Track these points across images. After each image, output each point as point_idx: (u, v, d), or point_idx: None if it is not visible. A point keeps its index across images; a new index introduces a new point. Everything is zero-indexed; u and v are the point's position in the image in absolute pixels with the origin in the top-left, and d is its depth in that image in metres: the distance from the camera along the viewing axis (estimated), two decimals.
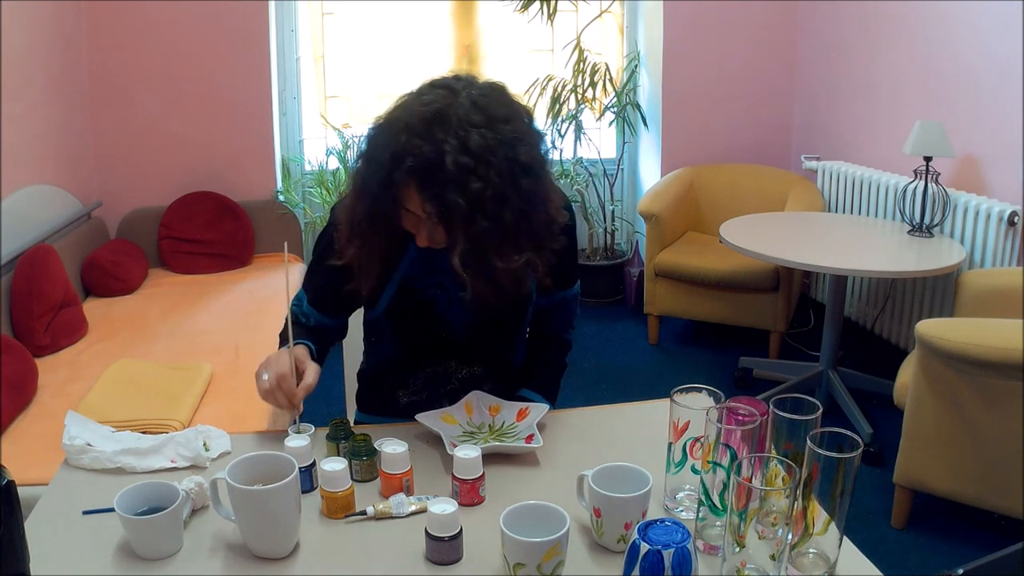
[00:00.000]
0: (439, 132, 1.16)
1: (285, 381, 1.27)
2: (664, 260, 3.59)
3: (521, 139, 1.21)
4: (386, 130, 1.21)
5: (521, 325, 1.51)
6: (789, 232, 3.14)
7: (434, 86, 1.23)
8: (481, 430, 1.36)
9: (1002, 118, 2.83)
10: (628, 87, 4.16)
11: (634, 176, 4.48)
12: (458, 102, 1.18)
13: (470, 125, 1.16)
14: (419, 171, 1.17)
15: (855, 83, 3.67)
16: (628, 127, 4.25)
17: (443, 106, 1.17)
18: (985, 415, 2.13)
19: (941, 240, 2.97)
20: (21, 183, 3.02)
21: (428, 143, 1.15)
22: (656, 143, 4.16)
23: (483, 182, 1.16)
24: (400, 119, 1.19)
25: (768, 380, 3.29)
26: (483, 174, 1.16)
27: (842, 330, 3.09)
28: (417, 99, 1.21)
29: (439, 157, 1.15)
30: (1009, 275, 2.59)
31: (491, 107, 1.20)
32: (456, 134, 1.15)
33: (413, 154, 1.16)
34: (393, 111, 1.23)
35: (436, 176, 1.16)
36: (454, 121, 1.16)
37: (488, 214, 1.18)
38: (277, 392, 1.28)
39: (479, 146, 1.16)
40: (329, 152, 4.03)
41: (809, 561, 1.00)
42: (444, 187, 1.16)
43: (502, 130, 1.18)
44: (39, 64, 3.23)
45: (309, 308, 1.47)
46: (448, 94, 1.19)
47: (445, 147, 1.15)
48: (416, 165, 1.16)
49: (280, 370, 1.27)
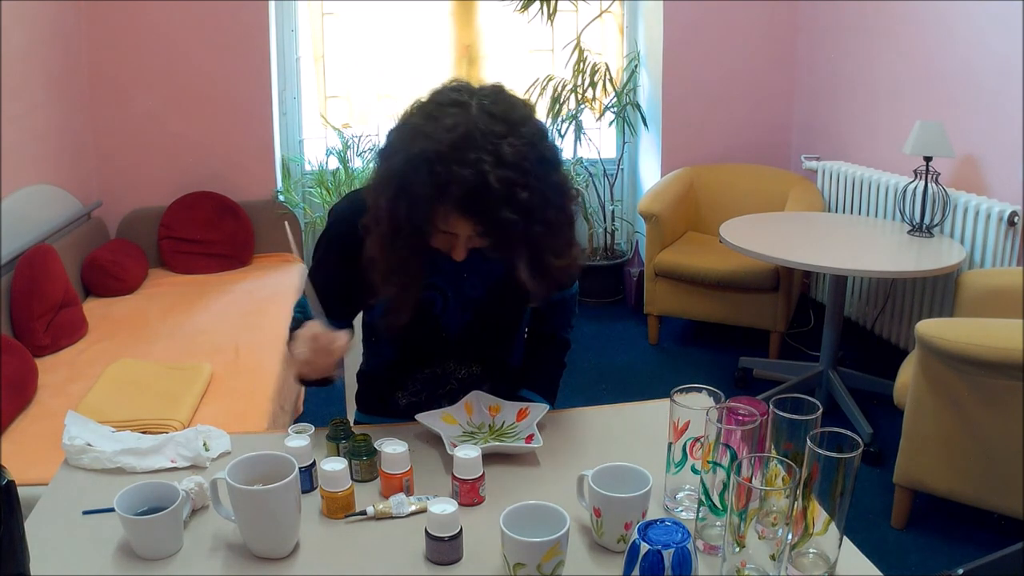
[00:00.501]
0: (471, 152, 1.14)
1: (319, 339, 1.24)
2: (664, 260, 3.59)
3: (540, 135, 1.22)
4: (416, 164, 1.16)
5: (519, 326, 1.51)
6: (789, 232, 3.14)
7: (442, 104, 1.20)
8: (481, 430, 1.36)
9: (1002, 118, 2.83)
10: (628, 87, 4.16)
11: (634, 176, 4.48)
12: (475, 116, 1.16)
13: (496, 137, 1.15)
14: (466, 199, 1.15)
15: (855, 83, 3.67)
16: (628, 127, 4.25)
17: (466, 125, 1.15)
18: (985, 415, 2.13)
19: (941, 240, 2.97)
20: (21, 183, 3.02)
21: (466, 167, 1.13)
22: (656, 143, 4.16)
23: (527, 190, 1.16)
24: (428, 149, 1.15)
25: (768, 380, 3.29)
26: (525, 182, 1.16)
27: (842, 330, 3.09)
28: (435, 125, 1.17)
29: (482, 178, 1.13)
30: (1009, 275, 2.59)
31: (506, 113, 1.19)
32: (487, 149, 1.14)
33: (455, 183, 1.13)
34: (412, 141, 1.18)
35: (484, 198, 1.14)
36: (480, 137, 1.14)
37: (539, 219, 1.19)
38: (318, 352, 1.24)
39: (512, 155, 1.15)
40: (329, 152, 4.03)
41: (809, 561, 1.00)
42: (494, 207, 1.15)
43: (524, 133, 1.18)
44: (39, 64, 3.24)
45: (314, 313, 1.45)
46: (462, 111, 1.17)
47: (484, 167, 1.13)
48: (463, 194, 1.14)
49: (312, 331, 1.24)
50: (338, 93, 4.06)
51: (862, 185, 3.49)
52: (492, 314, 1.43)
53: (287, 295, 3.33)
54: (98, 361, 2.63)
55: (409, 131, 1.20)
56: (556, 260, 1.26)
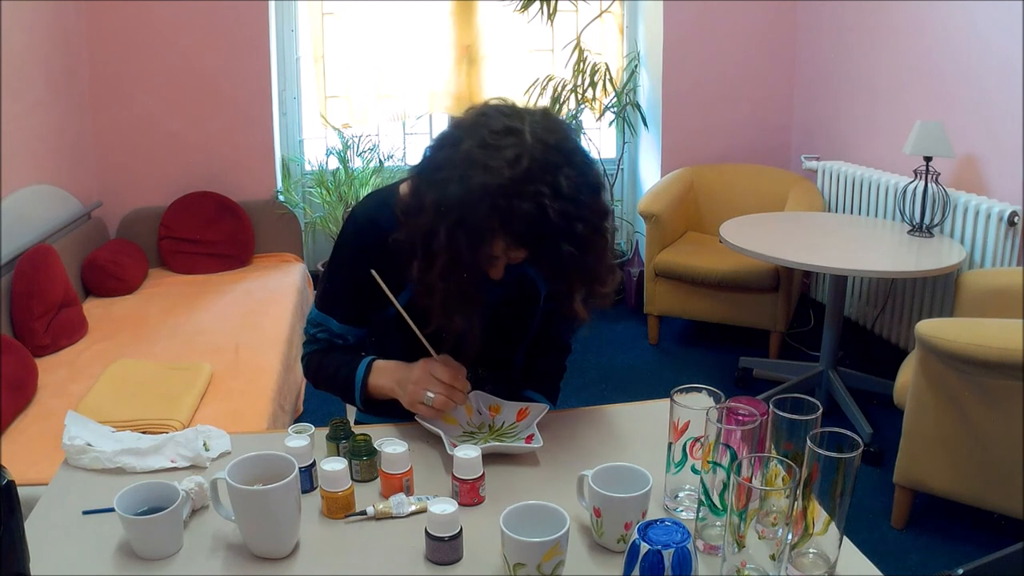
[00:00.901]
0: (530, 185, 1.13)
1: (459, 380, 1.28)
2: (664, 260, 3.59)
3: (590, 163, 1.22)
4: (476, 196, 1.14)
5: (528, 331, 1.51)
6: (789, 232, 3.14)
7: (496, 132, 1.17)
8: (481, 430, 1.36)
9: (1002, 118, 2.83)
10: (628, 87, 4.16)
11: (634, 176, 4.48)
12: (531, 146, 1.15)
13: (554, 168, 1.14)
14: (526, 233, 1.16)
15: (855, 83, 3.67)
16: (628, 127, 4.25)
17: (525, 157, 1.14)
18: (985, 415, 2.13)
19: (941, 240, 2.97)
20: (21, 183, 3.02)
21: (526, 201, 1.13)
22: (656, 143, 4.16)
23: (583, 222, 1.16)
24: (490, 183, 1.13)
25: (768, 380, 3.29)
26: (580, 215, 1.16)
27: (842, 330, 3.09)
28: (493, 156, 1.14)
29: (541, 212, 1.13)
30: (1009, 275, 2.59)
31: (559, 142, 1.18)
32: (546, 181, 1.13)
33: (516, 217, 1.13)
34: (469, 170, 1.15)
35: (543, 232, 1.15)
36: (538, 170, 1.14)
37: (593, 249, 1.20)
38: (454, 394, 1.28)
39: (569, 187, 1.15)
40: (329, 152, 4.03)
41: (809, 561, 1.00)
42: (553, 242, 1.16)
43: (577, 162, 1.18)
44: (39, 64, 3.23)
45: (342, 327, 1.42)
46: (517, 140, 1.15)
47: (543, 200, 1.13)
48: (524, 229, 1.15)
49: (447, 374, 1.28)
50: (338, 93, 4.06)
51: (862, 185, 3.48)
52: (503, 319, 1.42)
53: (287, 295, 3.33)
54: (98, 361, 2.63)
55: (462, 158, 1.16)
56: (603, 287, 1.28)
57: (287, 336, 2.91)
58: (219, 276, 3.59)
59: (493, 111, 1.21)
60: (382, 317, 1.44)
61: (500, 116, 1.19)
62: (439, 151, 1.22)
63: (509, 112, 1.20)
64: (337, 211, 3.91)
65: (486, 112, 1.21)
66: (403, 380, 1.33)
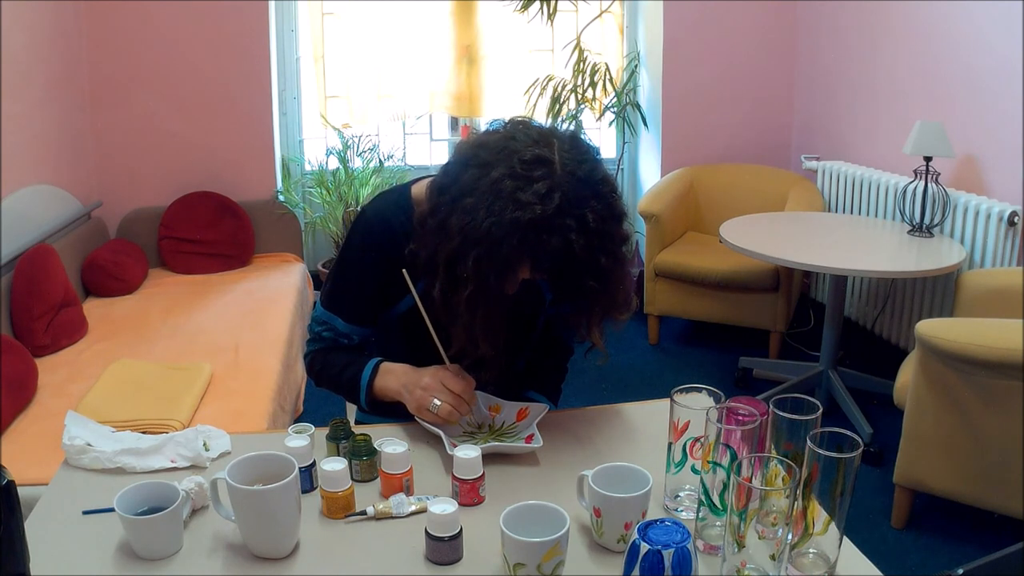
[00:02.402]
0: (557, 218, 1.13)
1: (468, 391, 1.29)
2: (664, 260, 3.59)
3: (614, 194, 1.22)
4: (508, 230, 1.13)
5: (533, 335, 1.51)
6: (789, 232, 3.14)
7: (527, 162, 1.15)
8: (481, 430, 1.36)
9: (1002, 118, 2.83)
10: (628, 87, 4.16)
11: (634, 176, 4.48)
12: (560, 178, 1.15)
13: (582, 203, 1.15)
14: (552, 265, 1.18)
15: (855, 83, 3.67)
16: (628, 127, 4.25)
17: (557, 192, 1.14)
18: (985, 415, 2.13)
19: (941, 240, 2.97)
20: (21, 183, 3.02)
21: (555, 235, 1.13)
22: (656, 143, 4.16)
23: (607, 255, 1.18)
24: (521, 218, 1.12)
25: (768, 380, 3.29)
26: (606, 248, 1.18)
27: (842, 330, 3.09)
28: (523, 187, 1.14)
29: (568, 247, 1.14)
30: (1009, 275, 2.59)
31: (589, 174, 1.18)
32: (573, 215, 1.14)
33: (544, 251, 1.15)
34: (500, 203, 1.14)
35: (569, 266, 1.17)
36: (566, 204, 1.14)
37: (615, 280, 1.22)
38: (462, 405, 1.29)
39: (595, 221, 1.16)
40: (329, 152, 4.03)
41: (809, 561, 1.00)
42: (578, 275, 1.18)
43: (604, 194, 1.19)
44: (39, 64, 3.23)
45: (348, 327, 1.41)
46: (548, 171, 1.15)
47: (571, 235, 1.14)
48: (550, 263, 1.17)
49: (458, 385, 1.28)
50: (338, 93, 4.06)
51: (862, 185, 3.49)
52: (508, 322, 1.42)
53: (287, 295, 3.33)
54: (98, 361, 2.63)
55: (491, 187, 1.15)
56: (619, 315, 1.29)
57: (287, 336, 2.91)
58: (219, 276, 3.59)
59: (522, 135, 1.19)
60: (387, 318, 1.44)
61: (529, 142, 1.18)
62: (464, 171, 1.20)
63: (538, 138, 1.19)
64: (337, 211, 3.91)
65: (515, 136, 1.20)
66: (411, 384, 1.32)
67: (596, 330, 1.29)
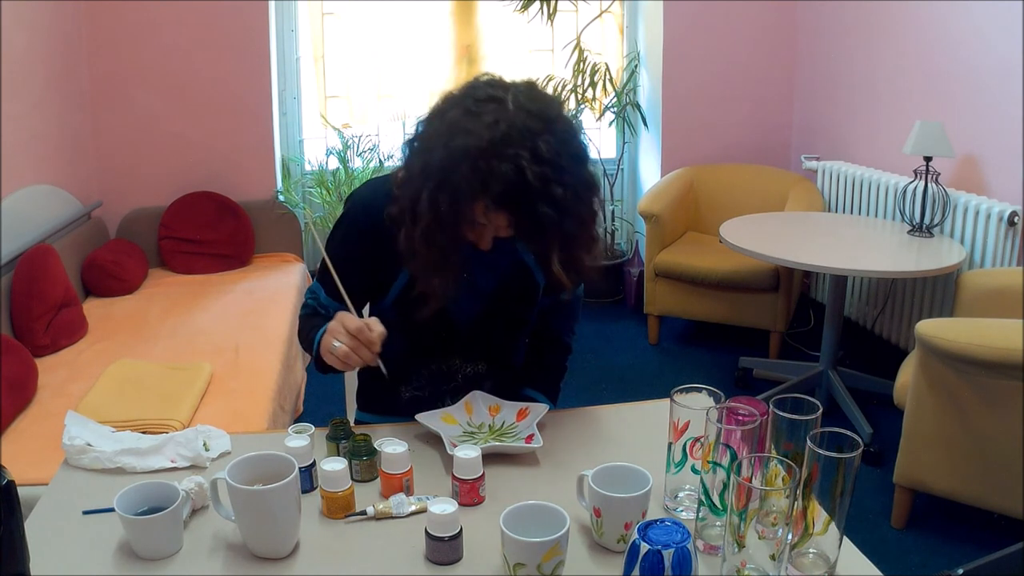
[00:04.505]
0: (510, 148, 1.16)
1: (363, 332, 1.26)
2: (664, 260, 3.59)
3: (572, 133, 1.25)
4: (457, 158, 1.18)
5: (526, 323, 1.51)
6: (789, 232, 3.14)
7: (480, 100, 1.21)
8: (481, 430, 1.36)
9: (1002, 118, 2.83)
10: (628, 87, 4.16)
11: (634, 176, 4.48)
12: (513, 112, 1.19)
13: (534, 134, 1.18)
14: (505, 194, 1.18)
15: (855, 83, 3.67)
16: (628, 127, 4.25)
17: (505, 122, 1.18)
18: (985, 415, 2.13)
19: (941, 240, 2.97)
20: (21, 183, 3.02)
21: (506, 162, 1.16)
22: (656, 143, 4.16)
23: (562, 186, 1.19)
24: (470, 145, 1.17)
25: (768, 380, 3.29)
26: (560, 178, 1.19)
27: (842, 330, 3.09)
28: (475, 121, 1.19)
29: (520, 174, 1.16)
30: (1009, 275, 2.59)
31: (542, 110, 1.21)
32: (525, 146, 1.17)
33: (496, 178, 1.16)
34: (452, 135, 1.20)
35: (522, 194, 1.18)
36: (517, 135, 1.17)
37: (572, 214, 1.22)
38: (359, 348, 1.26)
39: (549, 152, 1.18)
40: (329, 152, 4.03)
41: (809, 561, 1.00)
42: (532, 203, 1.18)
43: (558, 130, 1.21)
44: (39, 64, 3.23)
45: (327, 300, 1.45)
46: (500, 107, 1.20)
47: (522, 162, 1.16)
48: (503, 190, 1.17)
49: (353, 324, 1.26)
50: (338, 93, 4.06)
51: (862, 185, 3.48)
52: (501, 308, 1.44)
53: (287, 295, 3.33)
54: (98, 361, 2.63)
55: (447, 125, 1.21)
56: (587, 256, 1.30)
57: (287, 336, 2.90)
58: (219, 276, 3.59)
59: (480, 83, 1.26)
60: (381, 309, 1.46)
61: (485, 87, 1.24)
62: (428, 124, 1.27)
63: (495, 84, 1.25)
64: (337, 211, 3.91)
65: (473, 84, 1.27)
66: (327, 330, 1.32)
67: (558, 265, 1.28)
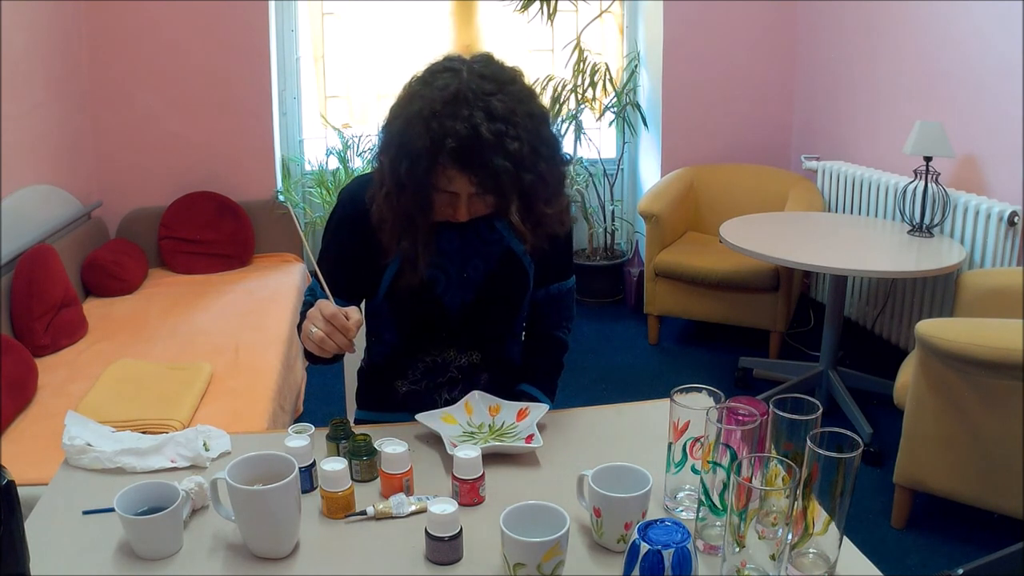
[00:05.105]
0: (464, 109, 1.22)
1: (337, 318, 1.27)
2: (664, 260, 3.59)
3: (529, 94, 1.31)
4: (413, 122, 1.25)
5: (518, 312, 1.52)
6: (789, 232, 3.14)
7: (436, 71, 1.29)
8: (481, 430, 1.36)
9: (1002, 118, 2.83)
10: (628, 87, 4.16)
11: (634, 176, 4.48)
12: (466, 78, 1.25)
13: (486, 94, 1.23)
14: (460, 151, 1.22)
15: (855, 83, 3.67)
16: (628, 127, 4.25)
17: (457, 85, 1.24)
18: (985, 415, 2.13)
19: (941, 240, 2.97)
20: (21, 183, 3.02)
21: (460, 122, 1.21)
22: (656, 143, 4.16)
23: (517, 141, 1.24)
24: (423, 108, 1.24)
25: (768, 380, 3.29)
26: (515, 134, 1.24)
27: (842, 330, 3.09)
28: (429, 88, 1.26)
29: (474, 131, 1.21)
30: (1009, 275, 2.59)
31: (496, 74, 1.27)
32: (479, 106, 1.22)
33: (450, 135, 1.22)
34: (409, 104, 1.27)
35: (476, 149, 1.22)
36: (471, 95, 1.23)
37: (529, 168, 1.26)
38: (333, 334, 1.27)
39: (503, 110, 1.23)
40: (329, 152, 4.03)
41: (809, 561, 1.00)
42: (487, 156, 1.23)
43: (513, 91, 1.27)
44: (39, 64, 3.23)
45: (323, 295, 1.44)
46: (454, 75, 1.26)
47: (475, 119, 1.21)
48: (457, 146, 1.22)
49: (329, 311, 1.27)
50: (338, 93, 4.06)
51: (862, 185, 3.48)
52: (492, 296, 1.45)
53: (287, 295, 3.33)
54: (98, 361, 2.63)
55: (406, 96, 1.30)
56: (547, 208, 1.33)
57: (287, 336, 2.91)
58: (219, 276, 3.59)
59: (439, 59, 1.33)
60: (375, 304, 1.48)
61: (443, 61, 1.31)
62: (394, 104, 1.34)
63: (453, 58, 1.32)
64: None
65: (433, 61, 1.33)
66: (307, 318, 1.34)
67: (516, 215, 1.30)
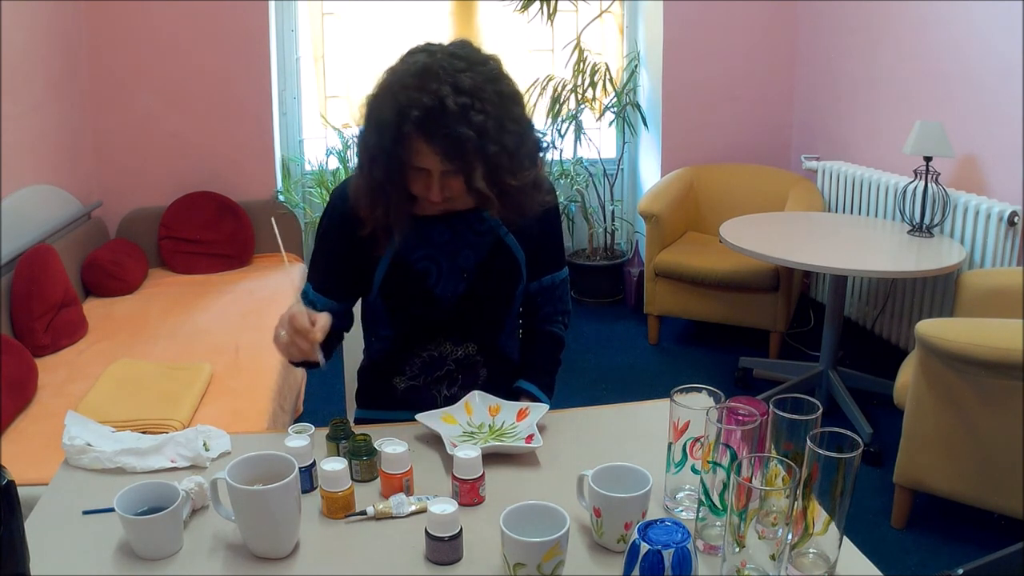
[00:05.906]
0: (432, 83, 1.25)
1: (297, 319, 1.28)
2: (664, 260, 3.59)
3: (500, 74, 1.35)
4: (383, 96, 1.30)
5: (511, 303, 1.53)
6: (789, 232, 3.14)
7: (412, 52, 1.33)
8: (481, 430, 1.36)
9: (1002, 118, 2.83)
10: (628, 87, 4.16)
11: (634, 176, 4.48)
12: (438, 57, 1.29)
13: (456, 71, 1.27)
14: (425, 120, 1.25)
15: (855, 83, 3.67)
16: (628, 127, 4.25)
17: (428, 61, 1.28)
18: (985, 415, 2.13)
19: (941, 240, 2.97)
20: (21, 183, 3.02)
21: (426, 94, 1.25)
22: (656, 143, 4.16)
23: (483, 114, 1.27)
24: (393, 82, 1.29)
25: (768, 380, 3.29)
26: (480, 108, 1.27)
27: (842, 330, 3.09)
28: (401, 64, 1.31)
29: (440, 103, 1.24)
30: (1009, 275, 2.59)
31: (468, 54, 1.32)
32: (447, 81, 1.26)
33: (415, 106, 1.25)
34: (383, 82, 1.32)
35: (441, 120, 1.25)
36: (441, 71, 1.27)
37: (494, 140, 1.28)
38: (296, 336, 1.29)
39: (470, 85, 1.27)
40: (329, 152, 4.03)
41: (809, 561, 1.00)
42: (451, 127, 1.25)
43: (483, 70, 1.31)
44: (39, 64, 3.23)
45: (315, 295, 1.49)
46: (428, 54, 1.30)
47: (442, 92, 1.25)
48: (421, 115, 1.25)
49: (291, 311, 1.30)
50: (338, 93, 4.06)
51: (862, 185, 3.48)
52: (484, 287, 1.47)
53: (287, 295, 3.30)
54: (98, 361, 2.63)
55: (383, 76, 1.34)
56: (513, 180, 1.34)
57: None
58: (219, 276, 3.59)
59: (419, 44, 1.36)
60: (370, 301, 1.50)
61: (420, 45, 1.35)
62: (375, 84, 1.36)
63: (429, 44, 1.35)
64: None
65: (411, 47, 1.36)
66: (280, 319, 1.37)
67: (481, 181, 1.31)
